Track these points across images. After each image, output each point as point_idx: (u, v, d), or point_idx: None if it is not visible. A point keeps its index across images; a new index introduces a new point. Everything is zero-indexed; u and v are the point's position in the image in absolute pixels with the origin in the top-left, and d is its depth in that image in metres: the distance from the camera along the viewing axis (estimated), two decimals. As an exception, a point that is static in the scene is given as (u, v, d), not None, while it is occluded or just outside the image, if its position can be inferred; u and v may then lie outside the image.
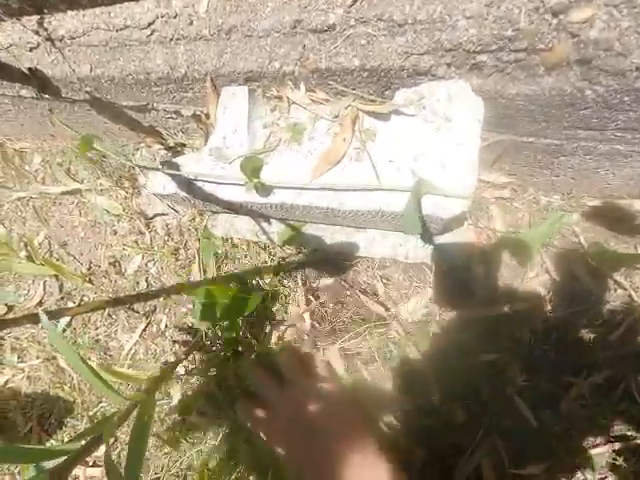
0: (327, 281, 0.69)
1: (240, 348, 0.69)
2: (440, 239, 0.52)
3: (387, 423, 0.62)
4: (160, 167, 0.50)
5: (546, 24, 0.37)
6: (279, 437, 0.49)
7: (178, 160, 0.49)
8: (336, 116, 0.45)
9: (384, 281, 0.68)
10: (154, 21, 0.48)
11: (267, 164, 0.45)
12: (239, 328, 0.66)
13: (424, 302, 0.65)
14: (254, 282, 0.70)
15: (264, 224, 0.58)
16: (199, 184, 0.46)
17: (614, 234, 0.61)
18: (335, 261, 0.68)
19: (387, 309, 0.66)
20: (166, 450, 0.70)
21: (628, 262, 0.48)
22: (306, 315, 0.68)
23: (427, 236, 0.51)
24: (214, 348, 0.68)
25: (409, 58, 0.41)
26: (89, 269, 0.79)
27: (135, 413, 0.44)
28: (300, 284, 0.69)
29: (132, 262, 0.76)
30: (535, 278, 0.64)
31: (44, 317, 0.38)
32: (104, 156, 0.78)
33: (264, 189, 0.43)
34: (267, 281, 0.68)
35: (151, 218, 0.74)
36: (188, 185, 0.47)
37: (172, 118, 0.62)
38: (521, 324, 0.63)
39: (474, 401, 0.61)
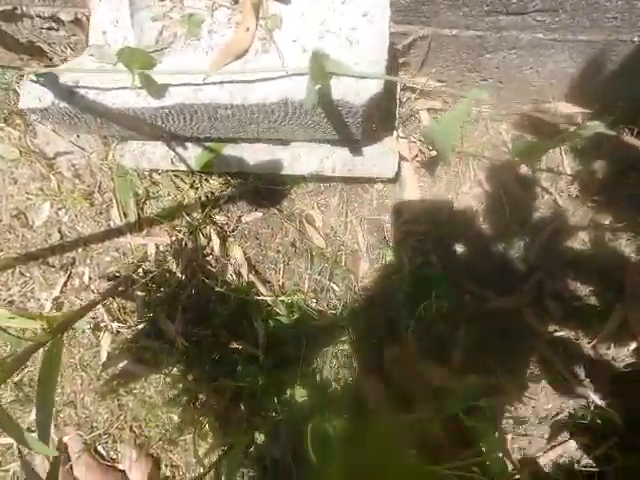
0: (259, 214, 0.65)
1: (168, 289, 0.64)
2: (369, 150, 0.49)
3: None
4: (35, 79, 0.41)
5: None
6: None
7: (56, 69, 0.41)
8: (236, 2, 0.39)
9: (321, 209, 0.65)
10: None
11: (161, 63, 0.38)
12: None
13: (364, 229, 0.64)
14: (182, 221, 0.64)
15: (179, 149, 0.52)
16: (80, 92, 0.39)
17: (542, 139, 0.62)
18: (268, 190, 0.64)
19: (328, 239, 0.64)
20: (106, 405, 0.67)
21: (544, 150, 0.48)
22: (240, 251, 0.64)
23: (352, 145, 0.48)
24: (143, 293, 0.64)
25: None
26: (-10, 225, 0.69)
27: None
28: (233, 218, 0.65)
29: (40, 212, 0.67)
30: (469, 192, 0.64)
31: None
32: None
33: (157, 89, 0.37)
34: (197, 217, 0.63)
35: (53, 158, 0.65)
36: (68, 95, 0.39)
37: (53, 29, 0.52)
38: (455, 238, 0.64)
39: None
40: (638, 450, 0.63)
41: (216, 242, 0.64)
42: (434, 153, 0.62)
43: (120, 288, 0.63)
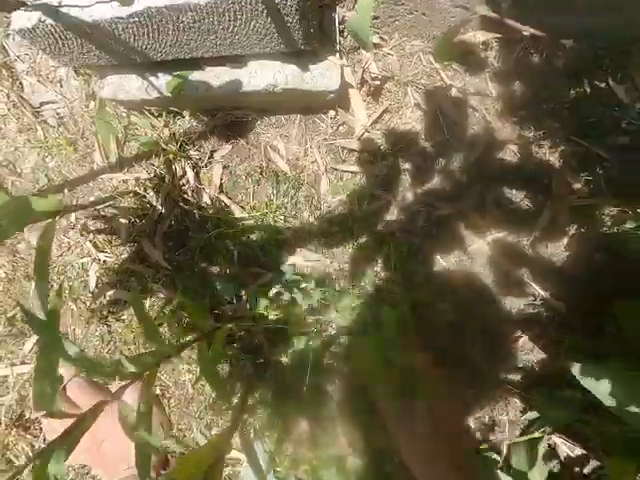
0: (228, 146, 0.72)
1: (149, 220, 0.71)
2: (315, 67, 0.58)
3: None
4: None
5: None
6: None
7: (42, -1, 0.49)
8: None
9: (284, 139, 0.74)
10: None
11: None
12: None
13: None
14: (160, 157, 0.72)
15: (152, 78, 0.60)
16: (63, 10, 0.47)
17: (465, 67, 0.72)
18: (235, 123, 0.72)
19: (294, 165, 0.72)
20: (96, 331, 0.72)
21: (450, 41, 0.56)
22: (213, 180, 0.72)
23: (300, 61, 0.56)
24: (126, 221, 0.70)
25: None
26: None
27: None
28: (206, 152, 0.72)
29: (27, 161, 0.74)
30: (410, 115, 0.73)
31: None
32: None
33: (126, -1, 0.45)
34: (172, 152, 0.70)
35: (38, 107, 0.72)
36: (54, 13, 0.47)
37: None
38: (402, 155, 0.72)
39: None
40: (579, 330, 0.71)
41: (191, 174, 0.72)
42: (377, 83, 0.71)
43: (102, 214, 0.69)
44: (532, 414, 0.71)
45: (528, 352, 0.75)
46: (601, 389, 0.49)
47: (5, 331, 0.72)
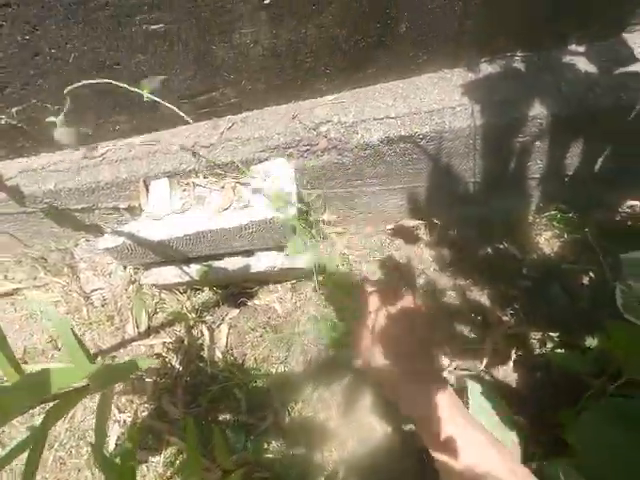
0: (236, 310, 0.93)
1: (169, 378, 0.84)
2: (296, 257, 0.85)
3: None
4: (111, 231, 0.75)
5: (314, 133, 0.80)
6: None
7: (124, 226, 0.76)
8: (222, 187, 0.80)
9: (280, 301, 0.95)
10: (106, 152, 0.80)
11: (185, 214, 0.75)
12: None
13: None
14: (182, 324, 0.90)
15: (185, 268, 0.84)
16: (141, 234, 0.72)
17: (404, 243, 1.03)
18: (242, 294, 0.94)
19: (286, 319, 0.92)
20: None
21: None
22: (223, 339, 0.89)
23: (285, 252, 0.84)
24: (151, 380, 0.83)
25: (257, 154, 0.80)
26: (24, 353, 0.89)
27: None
28: (219, 317, 0.92)
29: (70, 336, 0.90)
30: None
31: None
32: (44, 258, 0.97)
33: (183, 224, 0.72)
34: (192, 319, 0.89)
35: (88, 294, 0.93)
36: (134, 237, 0.72)
37: (110, 213, 0.89)
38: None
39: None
40: (543, 442, 0.81)
41: (206, 335, 0.89)
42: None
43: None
44: None
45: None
46: None
47: None
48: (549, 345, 0.88)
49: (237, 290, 0.93)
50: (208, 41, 0.66)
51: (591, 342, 0.80)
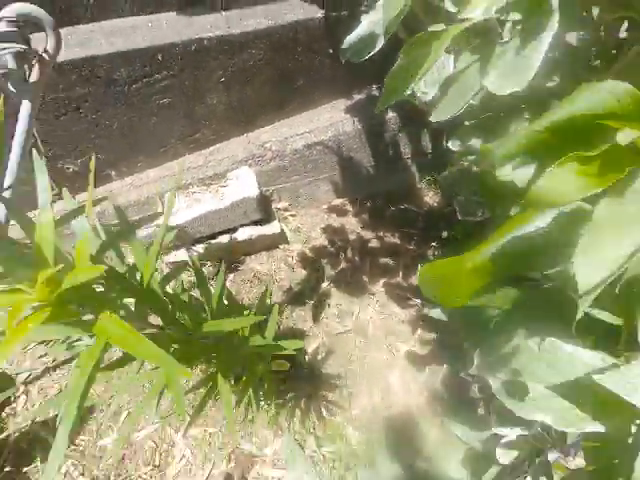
0: (232, 274, 1.35)
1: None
2: (267, 226, 1.31)
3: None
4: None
5: (262, 149, 1.30)
6: None
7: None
8: (210, 191, 1.27)
9: (260, 263, 1.39)
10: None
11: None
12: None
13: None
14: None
15: (193, 248, 1.27)
16: (164, 224, 1.17)
17: (336, 216, 1.51)
18: (233, 262, 1.37)
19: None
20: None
21: None
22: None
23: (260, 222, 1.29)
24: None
25: (230, 166, 1.29)
26: None
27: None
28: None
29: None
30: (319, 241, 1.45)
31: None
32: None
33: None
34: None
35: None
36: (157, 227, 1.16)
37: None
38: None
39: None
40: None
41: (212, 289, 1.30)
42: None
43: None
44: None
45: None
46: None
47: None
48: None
49: (230, 261, 1.37)
50: (192, 105, 1.16)
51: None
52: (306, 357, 1.16)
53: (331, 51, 1.21)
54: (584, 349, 0.38)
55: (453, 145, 0.58)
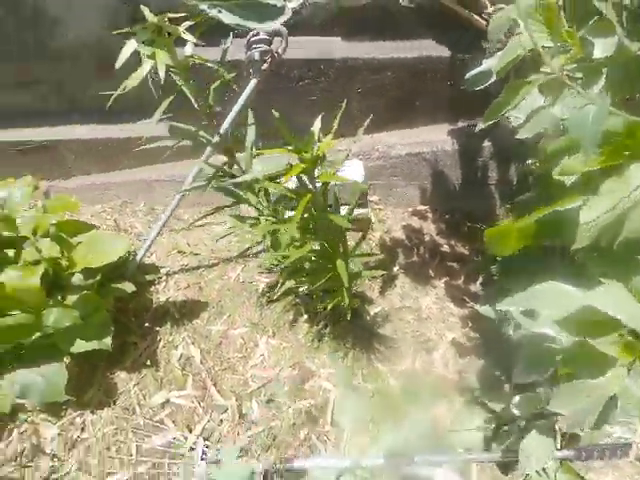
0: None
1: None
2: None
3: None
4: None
5: (372, 148, 1.62)
6: None
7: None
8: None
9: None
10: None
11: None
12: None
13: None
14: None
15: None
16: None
17: (417, 219, 1.77)
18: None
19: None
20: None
21: None
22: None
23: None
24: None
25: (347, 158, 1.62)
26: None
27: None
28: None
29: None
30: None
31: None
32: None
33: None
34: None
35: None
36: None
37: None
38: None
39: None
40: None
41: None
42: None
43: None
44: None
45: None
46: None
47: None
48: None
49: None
50: (332, 105, 1.53)
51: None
52: (367, 317, 1.42)
53: (449, 84, 1.49)
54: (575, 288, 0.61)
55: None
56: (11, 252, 1.00)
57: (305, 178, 0.88)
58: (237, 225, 1.12)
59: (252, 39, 0.88)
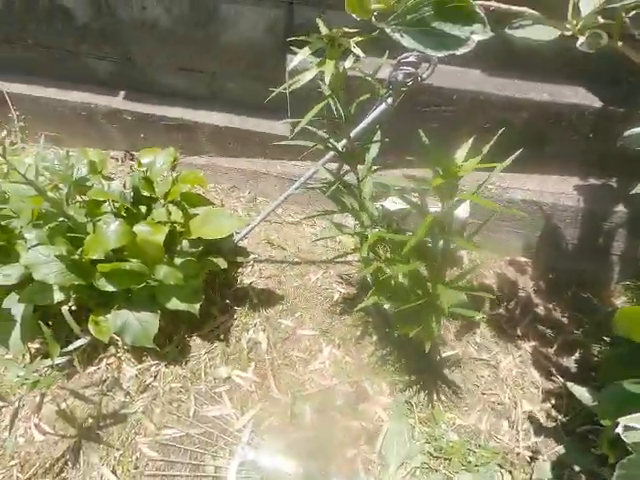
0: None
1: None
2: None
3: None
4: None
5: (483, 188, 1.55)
6: None
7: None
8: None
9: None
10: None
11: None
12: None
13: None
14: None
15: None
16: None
17: (514, 270, 1.63)
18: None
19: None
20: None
21: None
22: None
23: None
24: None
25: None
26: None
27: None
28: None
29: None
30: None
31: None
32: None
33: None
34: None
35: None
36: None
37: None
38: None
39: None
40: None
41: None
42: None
43: None
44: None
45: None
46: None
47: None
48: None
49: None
50: (452, 136, 1.49)
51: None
52: (438, 357, 1.34)
53: (590, 136, 1.36)
54: None
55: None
56: (144, 209, 1.16)
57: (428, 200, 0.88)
58: (335, 232, 1.15)
59: (402, 60, 0.90)
